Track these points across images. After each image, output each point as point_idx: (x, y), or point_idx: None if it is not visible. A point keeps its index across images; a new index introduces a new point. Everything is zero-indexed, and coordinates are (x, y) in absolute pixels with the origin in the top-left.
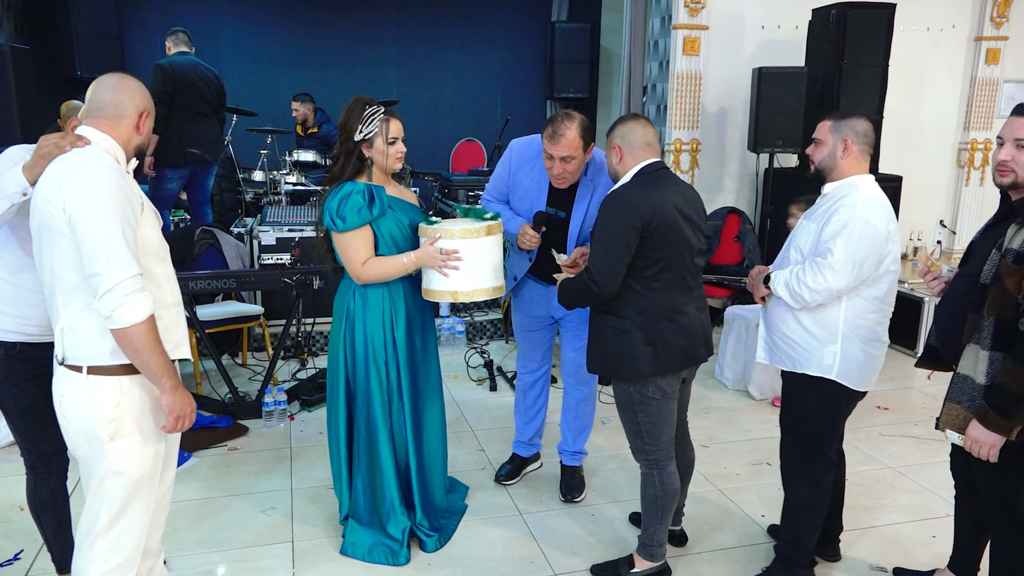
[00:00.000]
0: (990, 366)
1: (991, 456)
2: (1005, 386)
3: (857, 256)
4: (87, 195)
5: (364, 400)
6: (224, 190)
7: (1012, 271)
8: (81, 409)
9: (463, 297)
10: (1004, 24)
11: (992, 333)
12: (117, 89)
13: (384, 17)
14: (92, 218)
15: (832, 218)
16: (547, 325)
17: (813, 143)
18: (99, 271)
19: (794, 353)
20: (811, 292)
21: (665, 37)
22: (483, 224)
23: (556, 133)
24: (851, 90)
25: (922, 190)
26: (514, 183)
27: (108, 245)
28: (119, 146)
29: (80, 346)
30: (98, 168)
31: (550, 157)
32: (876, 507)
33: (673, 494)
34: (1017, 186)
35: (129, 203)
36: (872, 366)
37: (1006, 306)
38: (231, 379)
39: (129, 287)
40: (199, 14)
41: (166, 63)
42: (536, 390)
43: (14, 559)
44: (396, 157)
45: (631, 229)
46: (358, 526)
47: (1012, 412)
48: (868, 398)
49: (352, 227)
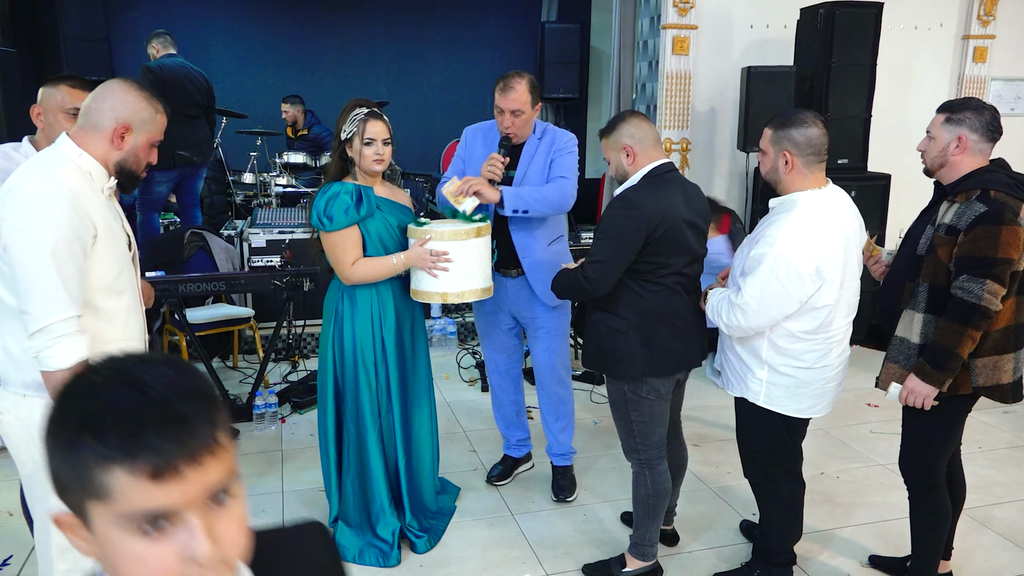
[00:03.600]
0: (924, 327)
1: (926, 405)
2: (939, 342)
3: (768, 298)
4: (26, 228)
5: (353, 401)
6: (214, 192)
7: (944, 242)
8: (21, 429)
9: (452, 298)
10: (991, 22)
11: (927, 298)
12: (100, 98)
13: (374, 18)
14: (28, 254)
15: (757, 243)
16: (509, 327)
17: (760, 152)
18: (29, 310)
19: (731, 376)
20: (727, 328)
21: (654, 37)
22: (473, 226)
23: (507, 86)
24: (839, 89)
25: (911, 188)
26: (468, 156)
27: (42, 285)
28: (96, 162)
29: (14, 370)
30: (45, 198)
31: (501, 112)
32: (867, 504)
33: (664, 493)
34: (929, 172)
35: (77, 237)
36: (807, 392)
37: (939, 273)
38: (222, 382)
39: (60, 330)
40: (188, 16)
41: (155, 65)
42: (509, 395)
43: (3, 565)
44: (373, 159)
45: (635, 235)
46: (347, 528)
47: (944, 365)
48: (858, 396)
49: (339, 227)
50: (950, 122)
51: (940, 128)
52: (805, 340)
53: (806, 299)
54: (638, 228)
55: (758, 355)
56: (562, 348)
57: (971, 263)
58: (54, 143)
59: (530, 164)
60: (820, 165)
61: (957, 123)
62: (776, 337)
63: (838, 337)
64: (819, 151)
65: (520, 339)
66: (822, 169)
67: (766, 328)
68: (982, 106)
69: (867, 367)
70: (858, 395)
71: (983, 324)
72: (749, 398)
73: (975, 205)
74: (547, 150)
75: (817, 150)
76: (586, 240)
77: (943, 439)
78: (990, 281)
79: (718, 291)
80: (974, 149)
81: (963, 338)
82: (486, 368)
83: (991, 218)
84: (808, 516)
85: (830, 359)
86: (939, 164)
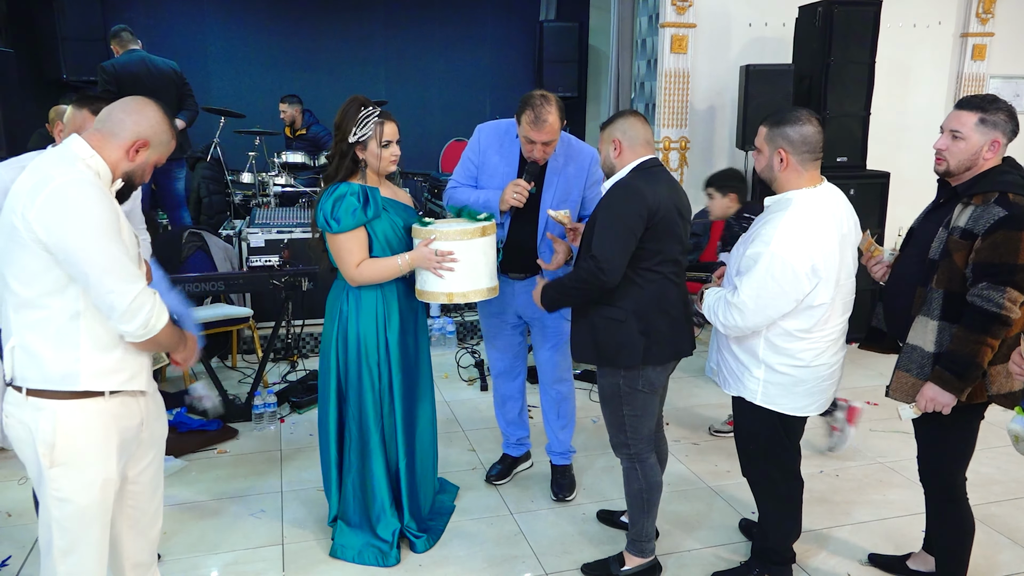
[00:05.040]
0: (938, 335)
1: (945, 411)
2: (957, 352)
3: (764, 297)
4: (73, 215)
5: (356, 402)
6: (212, 192)
7: (960, 246)
8: (22, 431)
9: (458, 298)
10: (990, 20)
11: (941, 304)
12: (127, 109)
13: (372, 17)
14: (85, 240)
15: (753, 242)
16: (515, 326)
17: (756, 150)
18: (114, 289)
19: (728, 375)
20: (724, 327)
21: (653, 35)
22: (478, 225)
23: (539, 119)
24: (838, 87)
25: (910, 186)
26: (483, 162)
27: (114, 263)
28: (105, 164)
29: (29, 367)
30: (80, 185)
31: (531, 142)
32: (867, 502)
33: (657, 487)
34: (951, 174)
35: (116, 218)
36: (804, 390)
37: (954, 279)
38: (220, 382)
39: (149, 299)
40: (186, 16)
41: (108, 64)
42: (512, 393)
43: (2, 565)
44: (390, 160)
45: (637, 218)
46: (347, 528)
47: (964, 374)
48: (857, 394)
49: (346, 228)
50: (985, 124)
51: (974, 129)
52: (802, 339)
53: (802, 298)
54: (639, 210)
55: (755, 354)
56: (565, 347)
57: (991, 270)
58: (63, 143)
59: (559, 185)
60: (815, 163)
61: (992, 126)
62: (773, 336)
63: (834, 335)
64: (814, 149)
65: (525, 337)
66: (817, 167)
67: (763, 327)
68: (1009, 106)
69: (865, 365)
70: (857, 393)
71: (1002, 333)
72: (746, 397)
73: (994, 209)
74: (576, 171)
75: (812, 148)
76: None
77: (960, 449)
78: (1011, 289)
79: (714, 291)
80: (1001, 152)
81: (982, 347)
82: (490, 367)
83: (1012, 223)
84: (807, 515)
85: (827, 357)
86: (967, 167)
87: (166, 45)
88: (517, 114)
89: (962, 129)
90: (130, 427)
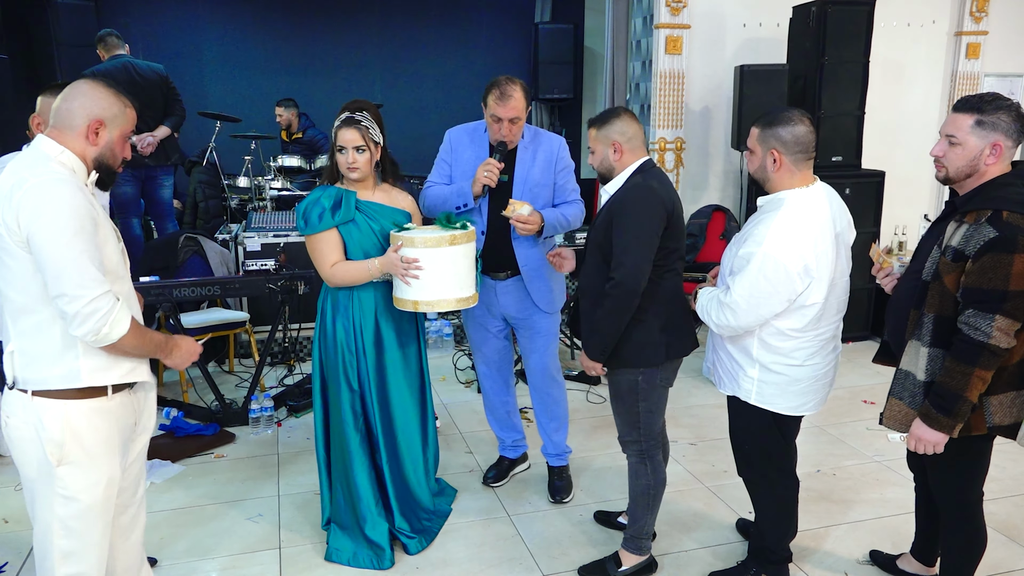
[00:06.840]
0: (929, 363)
1: (937, 451)
2: (945, 385)
3: (757, 297)
4: (46, 215)
5: (336, 403)
6: (208, 196)
7: (950, 268)
8: (28, 431)
9: (423, 307)
10: (984, 19)
11: (931, 330)
12: (68, 97)
13: (367, 20)
14: (53, 239)
15: (745, 242)
16: (500, 331)
17: (748, 151)
18: (66, 292)
19: (723, 374)
20: (717, 327)
21: (647, 37)
22: (446, 234)
23: (505, 95)
24: (832, 86)
25: (905, 185)
26: (456, 159)
27: (74, 266)
28: (76, 158)
29: (29, 370)
30: (54, 184)
31: (498, 120)
32: (863, 501)
33: (663, 483)
34: (951, 181)
35: (90, 218)
36: (798, 389)
37: (945, 303)
38: (217, 386)
39: (103, 306)
40: (181, 20)
41: (89, 72)
42: (503, 399)
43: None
44: (346, 166)
45: (659, 221)
46: (340, 531)
47: (952, 410)
48: (854, 393)
49: (313, 231)
50: (982, 126)
51: (969, 133)
52: (795, 338)
53: (795, 297)
54: (660, 215)
55: (749, 353)
56: (555, 349)
57: (979, 296)
58: (32, 144)
59: (529, 170)
60: (808, 163)
61: (991, 127)
62: (766, 335)
63: (828, 335)
64: (806, 149)
65: (510, 341)
66: (810, 167)
67: (756, 327)
68: (1010, 104)
69: (862, 365)
70: (853, 392)
71: (993, 363)
72: (741, 396)
73: (984, 229)
74: (546, 157)
75: (804, 148)
76: (580, 239)
77: (971, 472)
78: (1000, 317)
79: (707, 290)
80: (1007, 156)
81: (971, 379)
82: (477, 372)
83: (1002, 245)
84: (804, 514)
85: (821, 356)
86: (967, 174)
87: (162, 50)
88: (484, 96)
89: (957, 134)
90: (128, 425)
